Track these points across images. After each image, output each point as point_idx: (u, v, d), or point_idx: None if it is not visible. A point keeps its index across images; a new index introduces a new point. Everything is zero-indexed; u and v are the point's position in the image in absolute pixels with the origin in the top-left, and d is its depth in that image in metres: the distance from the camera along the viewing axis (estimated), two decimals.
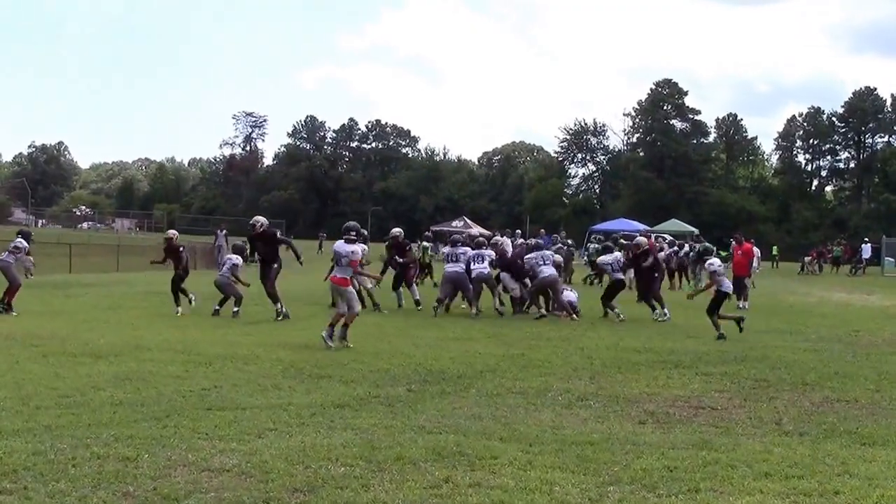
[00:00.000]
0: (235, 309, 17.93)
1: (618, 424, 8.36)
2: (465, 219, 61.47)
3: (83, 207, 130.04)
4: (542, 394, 9.85)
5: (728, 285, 16.52)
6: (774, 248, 62.73)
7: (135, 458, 6.67)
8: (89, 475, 6.25)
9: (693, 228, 59.06)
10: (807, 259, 52.90)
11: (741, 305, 22.99)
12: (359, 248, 14.53)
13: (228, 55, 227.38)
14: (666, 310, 19.49)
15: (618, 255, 21.00)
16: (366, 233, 21.73)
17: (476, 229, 55.98)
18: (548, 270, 19.55)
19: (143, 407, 8.58)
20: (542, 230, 40.75)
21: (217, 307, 18.16)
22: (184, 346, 13.14)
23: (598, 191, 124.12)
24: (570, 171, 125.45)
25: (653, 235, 35.45)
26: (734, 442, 7.73)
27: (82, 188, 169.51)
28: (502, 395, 9.73)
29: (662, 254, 34.89)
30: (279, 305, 17.72)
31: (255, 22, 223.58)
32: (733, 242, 26.60)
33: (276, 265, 18.13)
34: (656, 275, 20.73)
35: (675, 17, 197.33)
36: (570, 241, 35.23)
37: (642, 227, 50.01)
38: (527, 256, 20.28)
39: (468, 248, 20.42)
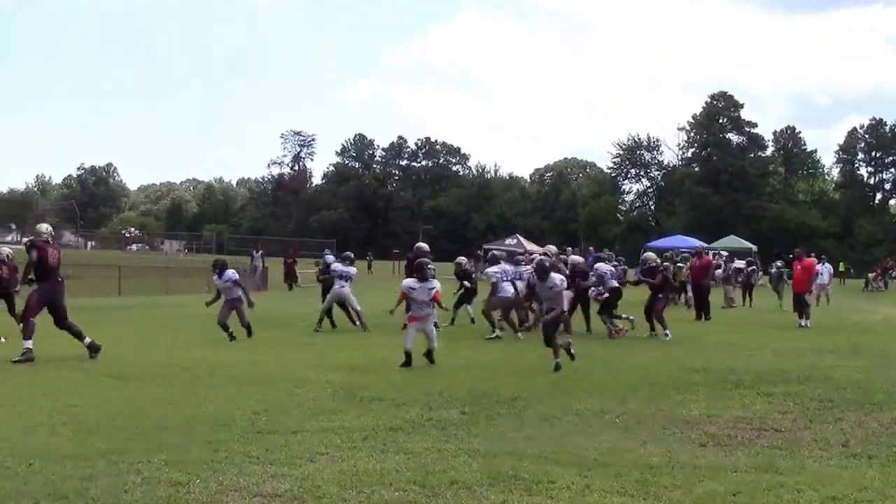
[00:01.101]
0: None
1: (678, 447, 8.14)
2: (519, 237, 61.10)
3: (132, 229, 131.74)
4: (599, 416, 9.66)
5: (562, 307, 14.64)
6: (841, 263, 61.68)
7: (186, 483, 6.61)
8: (141, 500, 6.21)
9: (751, 245, 58.34)
10: (871, 275, 52.04)
11: (803, 324, 22.54)
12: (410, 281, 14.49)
13: (275, 74, 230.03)
14: (667, 331, 19.07)
15: (609, 267, 20.66)
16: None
17: (531, 247, 55.71)
18: (509, 289, 18.83)
19: (193, 431, 8.54)
20: (591, 248, 40.56)
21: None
22: (234, 368, 13.17)
23: (652, 207, 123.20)
24: (623, 187, 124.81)
25: (710, 252, 35.08)
26: (799, 465, 7.49)
27: (131, 210, 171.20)
28: (558, 417, 9.55)
29: (719, 271, 34.65)
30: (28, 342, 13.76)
31: (300, 41, 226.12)
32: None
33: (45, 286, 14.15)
34: (660, 295, 20.13)
35: (729, 28, 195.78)
36: (622, 259, 34.84)
37: (699, 243, 49.42)
38: (487, 270, 19.51)
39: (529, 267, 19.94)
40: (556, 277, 14.23)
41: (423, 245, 20.98)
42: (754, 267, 35.22)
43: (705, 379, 12.64)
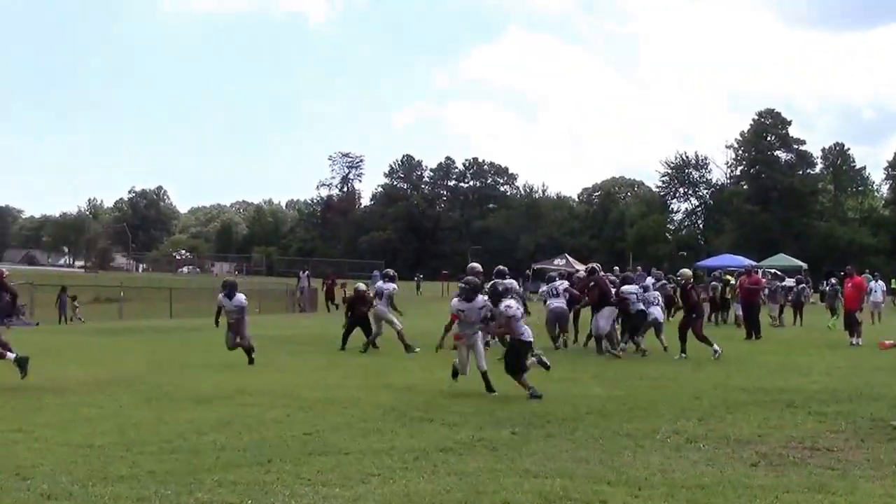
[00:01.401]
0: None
1: (729, 467, 8.11)
2: (567, 257, 60.85)
3: (183, 252, 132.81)
4: (650, 436, 9.63)
5: (528, 333, 13.33)
6: (893, 280, 60.74)
7: None
8: None
9: (801, 263, 57.71)
10: None
11: (854, 342, 22.28)
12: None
13: (323, 96, 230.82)
14: (716, 346, 18.63)
15: (635, 288, 20.41)
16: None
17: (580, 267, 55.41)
18: (557, 302, 19.33)
19: (245, 452, 8.62)
20: (639, 267, 40.46)
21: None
22: (285, 390, 13.25)
23: (701, 226, 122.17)
24: (672, 205, 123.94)
25: (759, 271, 34.79)
26: (852, 485, 7.43)
27: (181, 232, 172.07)
28: (609, 438, 9.54)
29: (766, 289, 34.31)
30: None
31: (348, 62, 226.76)
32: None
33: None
34: (693, 314, 19.70)
35: (776, 44, 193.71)
36: (672, 277, 34.61)
37: (748, 262, 49.03)
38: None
39: (565, 281, 20.26)
40: (507, 303, 13.47)
41: (476, 265, 20.21)
42: (804, 285, 34.85)
43: (756, 398, 12.55)
